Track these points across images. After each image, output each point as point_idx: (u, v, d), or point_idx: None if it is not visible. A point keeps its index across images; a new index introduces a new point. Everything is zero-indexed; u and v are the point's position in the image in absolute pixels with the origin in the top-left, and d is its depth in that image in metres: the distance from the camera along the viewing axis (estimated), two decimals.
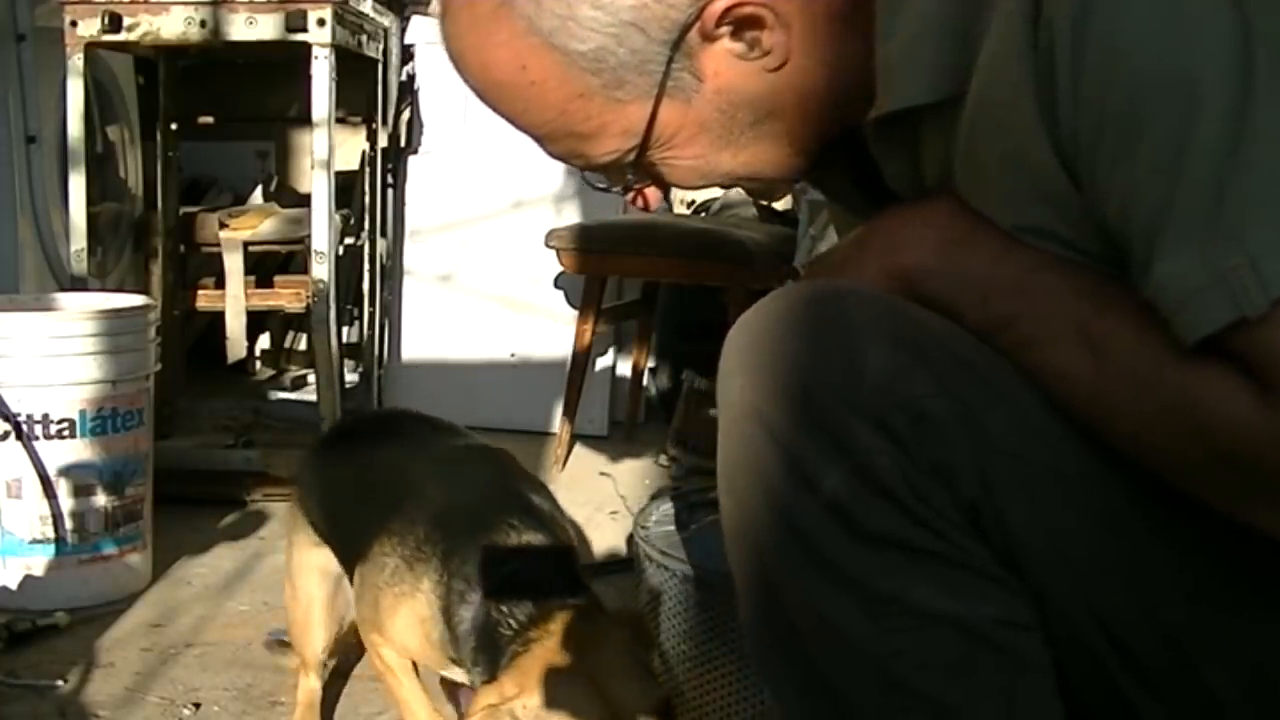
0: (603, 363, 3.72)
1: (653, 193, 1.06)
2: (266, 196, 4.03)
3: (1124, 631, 0.89)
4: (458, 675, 1.50)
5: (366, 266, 3.62)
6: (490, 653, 1.37)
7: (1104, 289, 0.85)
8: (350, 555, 1.62)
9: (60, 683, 2.01)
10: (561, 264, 3.30)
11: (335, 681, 1.97)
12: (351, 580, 1.64)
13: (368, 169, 3.58)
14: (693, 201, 4.41)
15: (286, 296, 3.49)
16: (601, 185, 1.04)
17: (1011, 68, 0.84)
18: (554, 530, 1.49)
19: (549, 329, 3.68)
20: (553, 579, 1.41)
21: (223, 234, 3.44)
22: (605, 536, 2.73)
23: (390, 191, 3.80)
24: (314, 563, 1.78)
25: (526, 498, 1.53)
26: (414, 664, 1.61)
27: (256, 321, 3.97)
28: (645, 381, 3.75)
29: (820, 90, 0.95)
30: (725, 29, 0.92)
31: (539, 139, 0.98)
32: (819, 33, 0.94)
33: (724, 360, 0.91)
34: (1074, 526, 0.87)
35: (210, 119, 4.19)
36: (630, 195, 1.06)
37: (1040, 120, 0.83)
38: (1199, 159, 0.77)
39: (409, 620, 1.48)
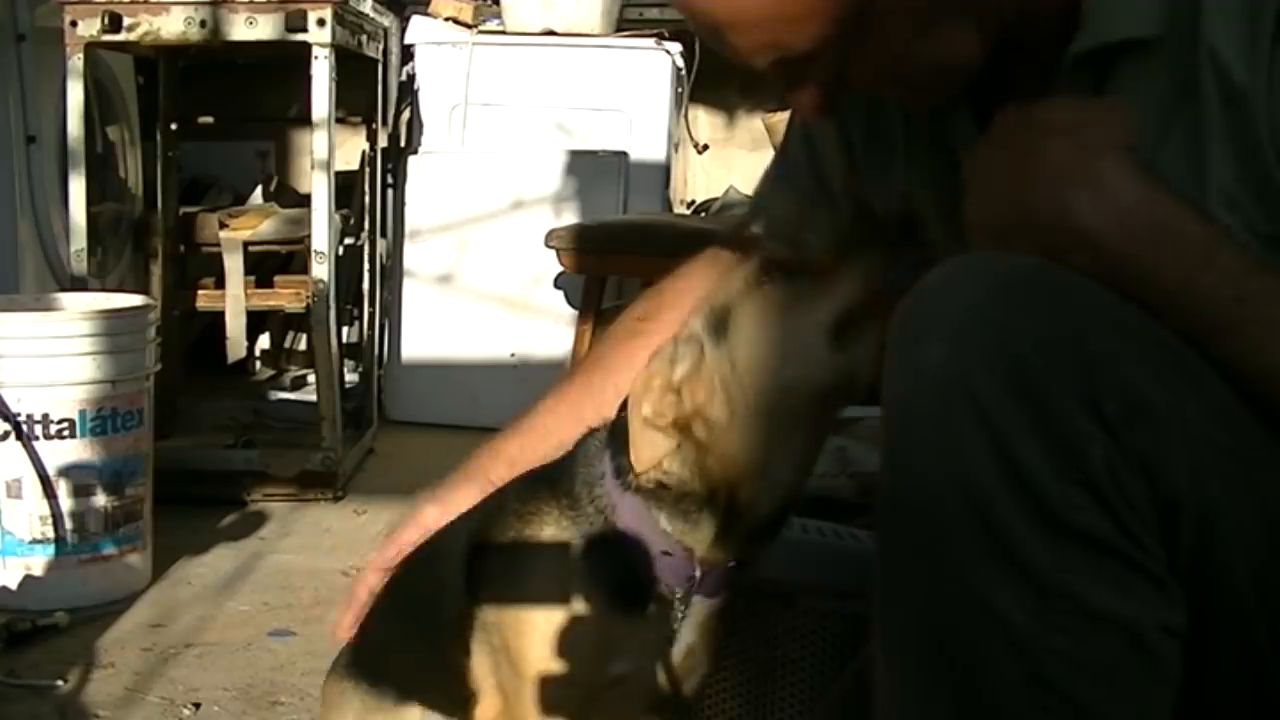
0: None
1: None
2: (266, 196, 4.03)
3: None
4: None
5: (366, 266, 3.62)
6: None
7: None
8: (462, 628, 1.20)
9: (60, 683, 2.00)
10: (561, 264, 3.30)
11: None
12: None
13: (368, 169, 3.59)
14: (693, 201, 4.41)
15: (286, 296, 3.49)
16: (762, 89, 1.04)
17: (1232, 23, 0.87)
18: None
19: (549, 329, 3.68)
20: None
21: (223, 234, 3.44)
22: None
23: (390, 191, 3.80)
24: None
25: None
26: None
27: (256, 321, 3.97)
28: None
29: None
30: None
31: (735, 27, 0.95)
32: None
33: (912, 326, 0.87)
34: (1265, 516, 0.85)
35: (210, 119, 4.19)
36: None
37: (1267, 106, 0.86)
38: None
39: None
